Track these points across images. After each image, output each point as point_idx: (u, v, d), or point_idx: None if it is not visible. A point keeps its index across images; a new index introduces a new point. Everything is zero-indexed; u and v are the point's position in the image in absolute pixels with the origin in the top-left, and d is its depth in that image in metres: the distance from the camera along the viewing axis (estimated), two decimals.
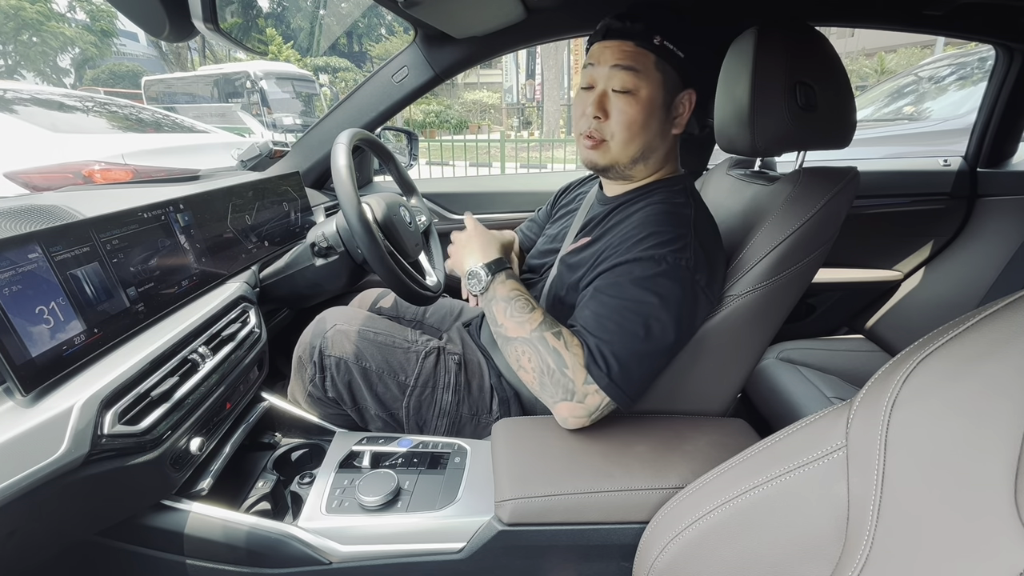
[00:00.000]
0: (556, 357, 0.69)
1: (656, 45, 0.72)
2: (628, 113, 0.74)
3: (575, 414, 0.71)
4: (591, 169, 0.83)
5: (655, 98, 0.74)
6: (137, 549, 0.71)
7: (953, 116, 2.78)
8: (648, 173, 0.83)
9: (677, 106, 0.77)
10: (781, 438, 0.49)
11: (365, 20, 22.91)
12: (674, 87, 0.76)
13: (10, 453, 0.48)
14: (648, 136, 0.77)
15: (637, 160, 0.79)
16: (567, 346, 0.70)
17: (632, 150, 0.77)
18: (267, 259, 1.02)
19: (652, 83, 0.73)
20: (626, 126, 0.75)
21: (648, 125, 0.76)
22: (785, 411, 1.21)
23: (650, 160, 0.80)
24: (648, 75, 0.73)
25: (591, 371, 0.68)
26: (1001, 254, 1.40)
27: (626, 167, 0.80)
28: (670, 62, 0.74)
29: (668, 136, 0.79)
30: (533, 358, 0.70)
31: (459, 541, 0.69)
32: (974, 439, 0.34)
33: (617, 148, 0.77)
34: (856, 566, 0.39)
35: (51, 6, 16.31)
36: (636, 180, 0.83)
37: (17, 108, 2.60)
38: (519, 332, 0.72)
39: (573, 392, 0.69)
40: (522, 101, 20.68)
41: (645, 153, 0.79)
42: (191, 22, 0.53)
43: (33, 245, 0.56)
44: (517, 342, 0.72)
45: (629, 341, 0.68)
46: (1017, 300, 0.36)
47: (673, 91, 0.76)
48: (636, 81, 0.73)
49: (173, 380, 0.66)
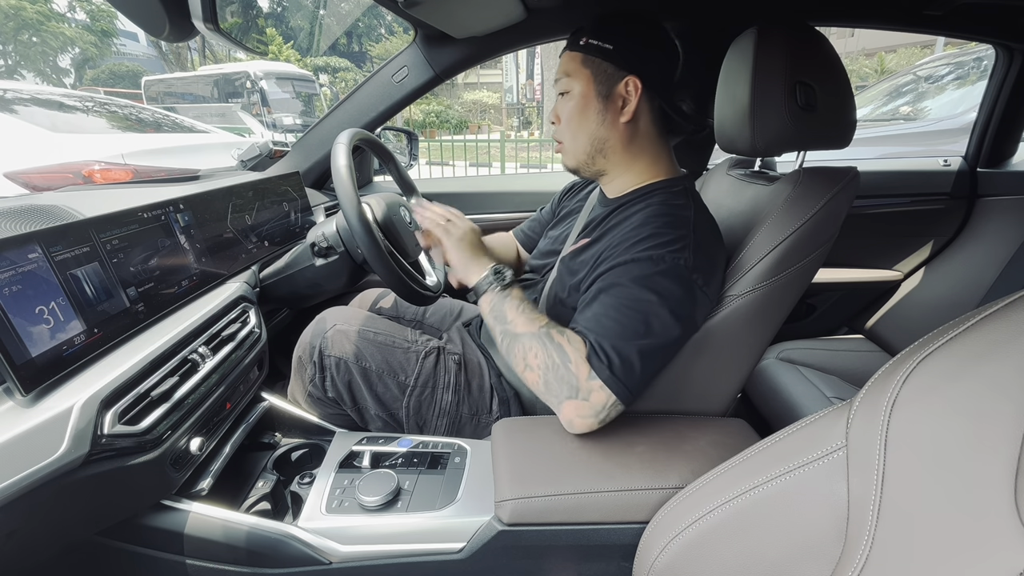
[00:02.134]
0: (560, 352, 0.70)
1: (582, 45, 0.79)
2: (566, 112, 0.81)
3: (581, 413, 0.70)
4: (571, 173, 0.88)
5: (587, 92, 0.79)
6: (137, 549, 0.71)
7: (949, 116, 2.78)
8: (618, 166, 0.84)
9: (620, 95, 0.79)
10: (781, 438, 0.49)
11: (365, 20, 22.92)
12: (607, 78, 0.78)
13: (10, 453, 0.48)
14: (590, 127, 0.80)
15: (593, 154, 0.82)
16: (570, 342, 0.71)
17: (581, 144, 0.82)
18: (267, 259, 1.02)
19: (581, 79, 0.79)
20: (567, 123, 0.82)
21: (585, 117, 0.80)
22: (785, 411, 1.21)
23: (608, 152, 0.82)
24: (577, 74, 0.80)
25: (593, 364, 0.69)
26: (1001, 254, 1.40)
27: (588, 164, 0.84)
28: (597, 55, 0.78)
29: (616, 125, 0.80)
30: (540, 354, 0.71)
31: (459, 541, 0.69)
32: (974, 439, 0.34)
33: (570, 147, 0.84)
34: (856, 566, 0.39)
35: (51, 6, 16.33)
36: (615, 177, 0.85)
37: (17, 108, 2.60)
38: (529, 328, 0.73)
39: (577, 388, 0.69)
40: (522, 101, 20.67)
41: (596, 145, 0.81)
42: (191, 22, 0.53)
43: (33, 245, 0.56)
44: (526, 337, 0.73)
45: (630, 337, 0.69)
46: (1017, 300, 0.36)
47: (607, 81, 0.78)
48: (568, 82, 0.81)
49: (173, 380, 0.66)
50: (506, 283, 0.78)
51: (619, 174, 0.84)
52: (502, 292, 0.77)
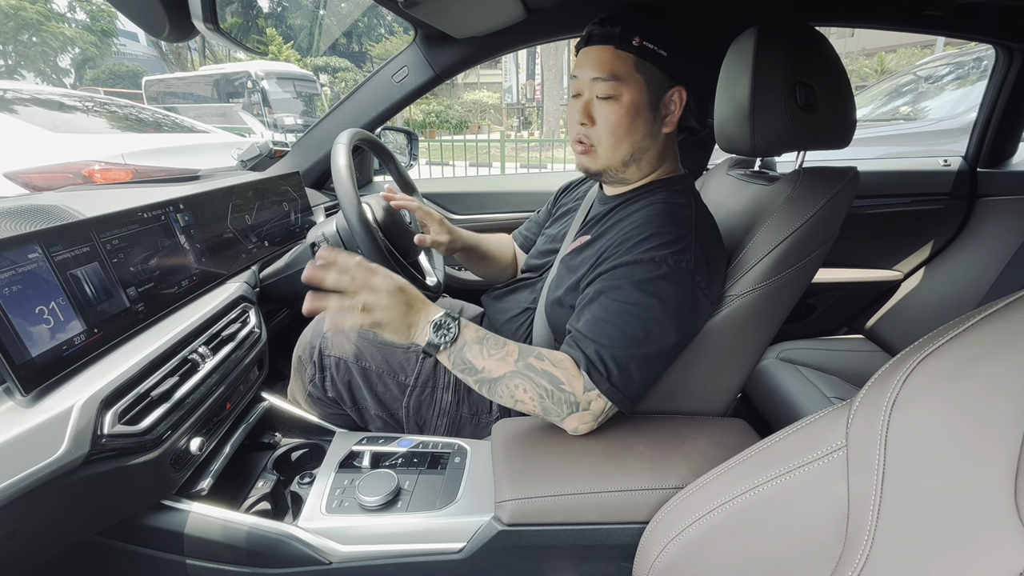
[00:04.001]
0: (549, 378, 0.68)
1: (635, 47, 0.72)
2: (612, 118, 0.75)
3: (584, 421, 0.70)
4: (585, 174, 0.83)
5: (638, 100, 0.74)
6: (137, 549, 0.71)
7: (949, 116, 2.78)
8: (644, 173, 0.82)
9: (666, 105, 0.76)
10: (781, 438, 0.49)
11: (365, 20, 22.91)
12: (659, 87, 0.75)
13: (10, 453, 0.48)
14: (635, 138, 0.76)
15: (628, 163, 0.79)
16: (554, 364, 0.68)
17: (620, 154, 0.77)
18: (267, 259, 1.02)
19: (634, 86, 0.73)
20: (611, 131, 0.75)
21: (634, 128, 0.75)
22: (785, 411, 1.21)
23: (642, 161, 0.80)
24: (629, 78, 0.73)
25: (592, 376, 0.68)
26: (1001, 254, 1.40)
27: (618, 170, 0.80)
28: (652, 62, 0.73)
29: (659, 136, 0.78)
30: (528, 388, 0.68)
31: (459, 541, 0.69)
32: (974, 439, 0.34)
33: (605, 153, 0.78)
34: (856, 566, 0.39)
35: (51, 6, 16.32)
36: (633, 181, 0.83)
37: (17, 108, 2.60)
38: (504, 368, 0.67)
39: (577, 404, 0.68)
40: (522, 101, 20.68)
41: (635, 155, 0.78)
42: (191, 22, 0.53)
43: (33, 245, 0.56)
44: (505, 379, 0.67)
45: (629, 345, 0.68)
46: (1017, 300, 0.36)
47: (658, 91, 0.75)
48: (617, 86, 0.73)
49: (173, 380, 0.66)
50: (453, 335, 0.67)
51: (630, 176, 0.82)
52: (455, 345, 0.67)
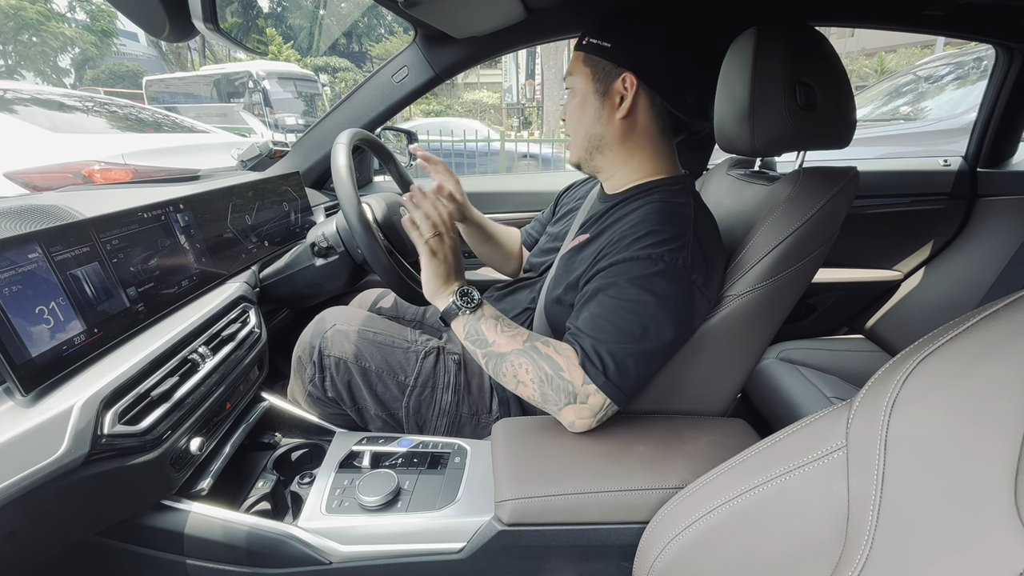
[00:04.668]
0: (551, 362, 0.70)
1: (584, 45, 0.81)
2: (569, 111, 0.85)
3: (581, 415, 0.71)
4: (576, 169, 0.90)
5: (585, 90, 0.81)
6: (137, 549, 0.71)
7: (949, 116, 2.78)
8: (614, 164, 0.84)
9: (617, 91, 0.79)
10: (781, 438, 0.49)
11: (365, 20, 22.91)
12: (605, 75, 0.79)
13: (10, 453, 0.48)
14: (587, 124, 0.82)
15: (591, 151, 0.84)
16: (558, 351, 0.71)
17: (580, 141, 0.84)
18: (267, 259, 1.02)
19: (581, 77, 0.82)
20: (569, 120, 0.85)
21: (584, 115, 0.82)
22: (785, 411, 1.21)
23: (605, 150, 0.83)
24: (578, 72, 0.82)
25: (587, 370, 0.69)
26: (1001, 254, 1.40)
27: (587, 160, 0.86)
28: (597, 54, 0.80)
29: (613, 122, 0.81)
30: (530, 368, 0.71)
31: (459, 541, 0.69)
32: (974, 439, 0.34)
33: (573, 144, 0.86)
34: (856, 566, 0.39)
35: (51, 6, 16.31)
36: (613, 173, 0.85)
37: (17, 108, 2.60)
38: (512, 345, 0.72)
39: (575, 394, 0.69)
40: (522, 101, 20.66)
41: (593, 141, 0.83)
42: (191, 22, 0.53)
43: (33, 245, 0.56)
44: (512, 355, 0.72)
45: (625, 341, 0.69)
46: (1017, 300, 0.36)
47: (605, 79, 0.79)
48: (572, 81, 0.83)
49: (173, 380, 0.66)
50: (475, 304, 0.75)
51: (616, 170, 0.84)
52: (474, 314, 0.75)
